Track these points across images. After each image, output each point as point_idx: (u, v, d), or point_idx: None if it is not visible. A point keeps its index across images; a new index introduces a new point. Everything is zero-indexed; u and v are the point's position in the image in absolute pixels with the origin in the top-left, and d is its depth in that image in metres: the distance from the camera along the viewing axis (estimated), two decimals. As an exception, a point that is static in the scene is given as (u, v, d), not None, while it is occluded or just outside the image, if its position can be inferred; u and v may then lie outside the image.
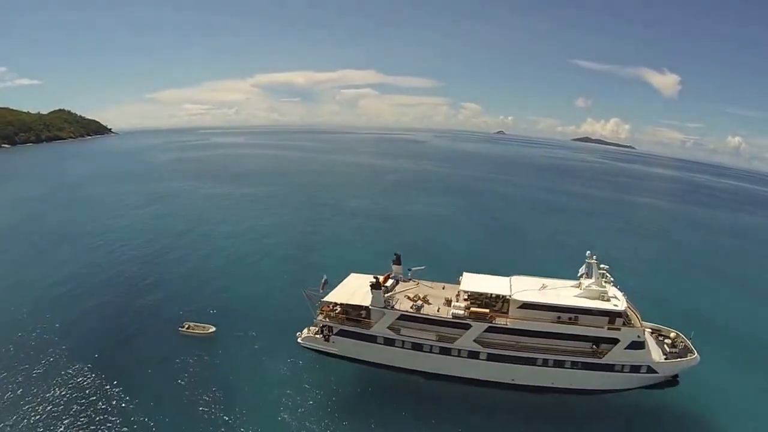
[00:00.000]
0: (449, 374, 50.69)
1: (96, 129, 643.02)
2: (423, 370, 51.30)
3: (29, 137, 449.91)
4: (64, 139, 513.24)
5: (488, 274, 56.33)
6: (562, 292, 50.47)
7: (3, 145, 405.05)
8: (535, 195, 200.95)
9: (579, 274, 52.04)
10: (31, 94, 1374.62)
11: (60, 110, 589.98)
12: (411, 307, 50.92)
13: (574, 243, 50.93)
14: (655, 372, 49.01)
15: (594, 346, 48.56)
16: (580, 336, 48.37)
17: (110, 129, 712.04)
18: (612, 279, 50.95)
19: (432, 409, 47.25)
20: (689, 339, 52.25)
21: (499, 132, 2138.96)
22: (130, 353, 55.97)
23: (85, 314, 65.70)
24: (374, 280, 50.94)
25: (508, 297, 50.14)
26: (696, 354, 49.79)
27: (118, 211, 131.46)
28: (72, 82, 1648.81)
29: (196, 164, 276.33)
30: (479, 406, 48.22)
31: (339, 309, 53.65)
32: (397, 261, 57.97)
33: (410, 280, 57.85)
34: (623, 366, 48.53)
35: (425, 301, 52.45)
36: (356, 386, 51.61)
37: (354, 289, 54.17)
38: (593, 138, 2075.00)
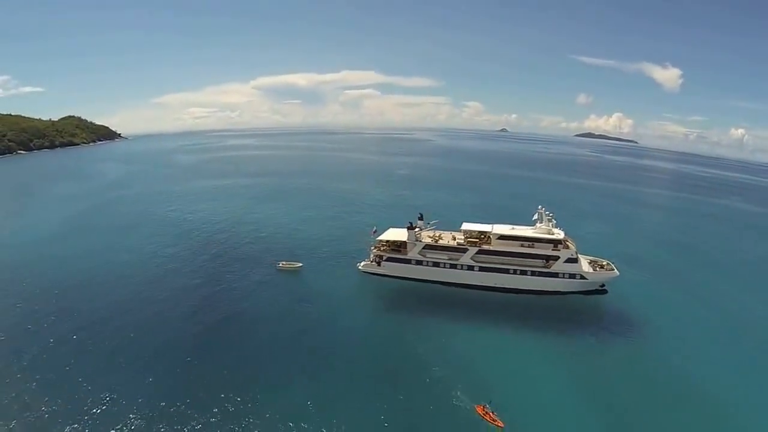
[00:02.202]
0: (456, 282, 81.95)
1: (106, 134, 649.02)
2: (439, 280, 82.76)
3: (43, 143, 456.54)
4: (77, 144, 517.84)
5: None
6: (524, 230, 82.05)
7: (19, 151, 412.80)
8: (519, 183, 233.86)
9: (533, 219, 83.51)
10: (36, 102, 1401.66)
11: (70, 116, 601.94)
12: (431, 240, 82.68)
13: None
14: (586, 279, 79.79)
15: (545, 261, 79.56)
16: (536, 255, 79.53)
17: (119, 134, 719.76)
18: (555, 222, 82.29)
19: (445, 305, 76.84)
20: (613, 264, 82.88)
21: (502, 130, 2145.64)
22: (244, 284, 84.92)
23: (207, 262, 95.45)
24: (409, 224, 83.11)
25: (490, 233, 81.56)
26: (616, 271, 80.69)
27: (188, 201, 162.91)
28: (76, 89, 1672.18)
29: (225, 164, 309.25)
30: (474, 302, 77.61)
31: (386, 245, 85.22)
32: (421, 218, 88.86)
33: (429, 228, 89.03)
34: (564, 274, 79.37)
35: (440, 237, 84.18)
36: (397, 294, 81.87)
37: (394, 233, 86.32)
38: (596, 134, 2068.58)
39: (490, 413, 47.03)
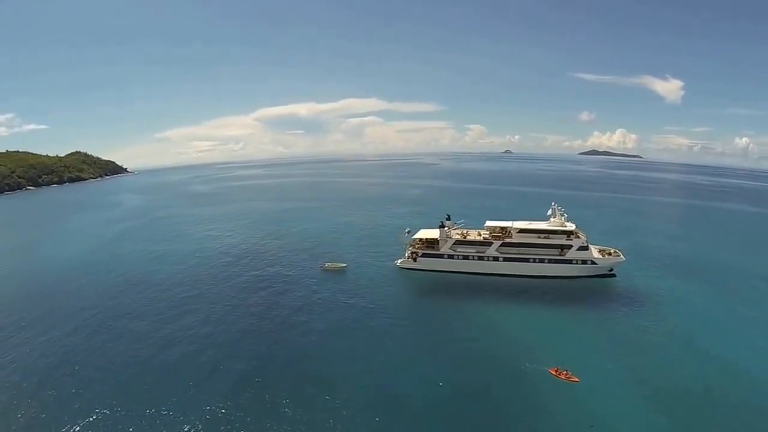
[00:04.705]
0: (483, 272, 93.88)
1: (113, 169, 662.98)
2: (469, 271, 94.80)
3: (52, 179, 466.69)
4: (86, 179, 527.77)
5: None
6: (540, 224, 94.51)
7: (28, 187, 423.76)
8: (529, 198, 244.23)
9: (548, 215, 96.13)
10: (40, 139, 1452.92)
11: (77, 152, 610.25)
12: (460, 236, 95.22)
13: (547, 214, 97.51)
14: (596, 264, 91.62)
15: (560, 250, 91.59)
16: (552, 245, 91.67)
17: (126, 168, 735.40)
18: (566, 216, 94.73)
19: (474, 292, 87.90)
20: (620, 251, 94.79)
21: (506, 151, 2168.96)
22: (292, 282, 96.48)
23: (260, 270, 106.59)
24: (440, 224, 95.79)
25: (511, 228, 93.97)
26: (622, 256, 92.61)
27: (221, 222, 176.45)
28: (78, 126, 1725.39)
29: (244, 191, 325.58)
30: (501, 289, 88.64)
31: (420, 243, 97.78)
32: (449, 218, 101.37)
33: (457, 227, 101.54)
34: (576, 260, 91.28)
35: (467, 234, 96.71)
36: (432, 285, 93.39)
37: (427, 233, 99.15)
38: (600, 150, 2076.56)
39: (564, 372, 54.82)
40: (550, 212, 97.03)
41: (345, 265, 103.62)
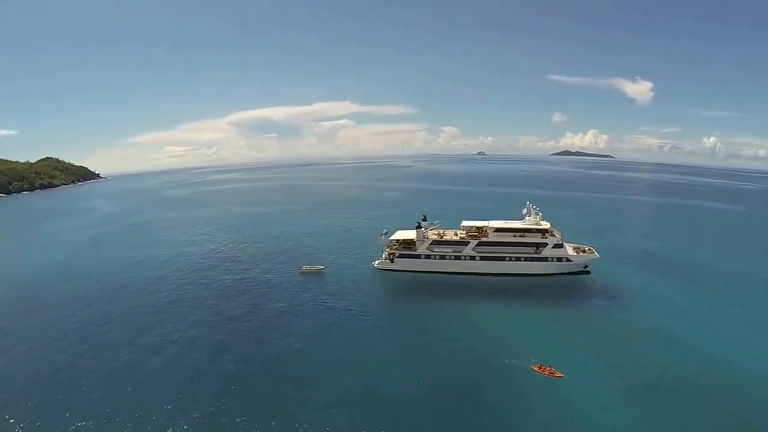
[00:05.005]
0: (460, 271, 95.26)
1: (85, 175, 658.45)
2: (446, 270, 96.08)
3: (23, 186, 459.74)
4: (57, 186, 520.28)
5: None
6: (516, 223, 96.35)
7: None
8: (498, 195, 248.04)
9: (523, 214, 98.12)
10: (10, 145, 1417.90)
11: (48, 158, 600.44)
12: (437, 236, 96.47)
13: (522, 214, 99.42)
14: (571, 261, 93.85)
15: (535, 248, 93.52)
16: (527, 243, 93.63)
17: (99, 174, 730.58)
18: (541, 214, 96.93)
19: (452, 291, 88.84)
20: (594, 249, 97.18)
21: (479, 153, 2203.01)
22: (271, 285, 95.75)
23: (238, 275, 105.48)
24: (417, 224, 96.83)
25: (487, 227, 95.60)
26: (596, 254, 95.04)
27: (198, 226, 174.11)
28: (49, 131, 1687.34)
29: (219, 196, 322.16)
30: (479, 287, 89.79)
31: (397, 244, 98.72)
32: (425, 219, 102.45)
33: (433, 227, 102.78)
34: (552, 258, 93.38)
35: (444, 234, 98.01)
36: (410, 285, 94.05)
37: (404, 234, 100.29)
38: (572, 151, 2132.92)
39: (548, 368, 55.21)
40: (525, 211, 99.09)
41: (323, 267, 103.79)
